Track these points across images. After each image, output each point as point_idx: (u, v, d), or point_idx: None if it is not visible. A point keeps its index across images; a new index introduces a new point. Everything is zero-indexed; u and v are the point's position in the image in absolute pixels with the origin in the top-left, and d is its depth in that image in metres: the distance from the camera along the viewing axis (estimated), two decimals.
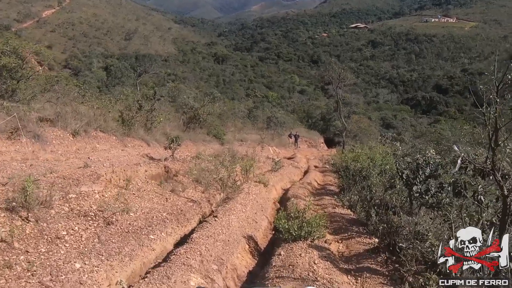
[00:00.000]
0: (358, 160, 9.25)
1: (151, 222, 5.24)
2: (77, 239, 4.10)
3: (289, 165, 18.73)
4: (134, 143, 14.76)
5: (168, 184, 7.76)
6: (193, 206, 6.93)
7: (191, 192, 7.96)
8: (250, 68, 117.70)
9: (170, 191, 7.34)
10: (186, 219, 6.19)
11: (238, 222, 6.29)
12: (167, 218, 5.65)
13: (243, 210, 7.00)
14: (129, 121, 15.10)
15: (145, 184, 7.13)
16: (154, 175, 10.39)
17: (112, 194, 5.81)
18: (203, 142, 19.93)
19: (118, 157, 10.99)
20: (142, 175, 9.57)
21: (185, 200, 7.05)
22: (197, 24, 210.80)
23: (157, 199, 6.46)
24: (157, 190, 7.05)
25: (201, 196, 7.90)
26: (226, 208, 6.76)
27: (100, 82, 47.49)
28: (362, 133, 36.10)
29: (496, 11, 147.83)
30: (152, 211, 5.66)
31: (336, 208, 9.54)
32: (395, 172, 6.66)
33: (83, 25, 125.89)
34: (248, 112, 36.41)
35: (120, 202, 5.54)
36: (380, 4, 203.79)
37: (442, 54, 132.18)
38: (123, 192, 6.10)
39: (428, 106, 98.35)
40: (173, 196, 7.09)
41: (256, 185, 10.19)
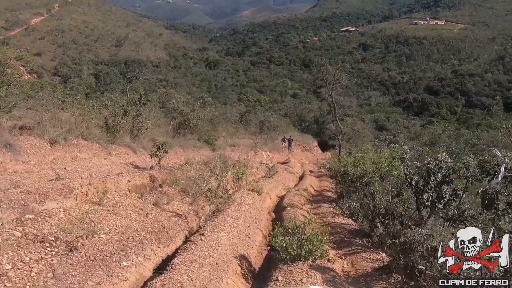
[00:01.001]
0: (359, 165, 8.58)
1: (126, 244, 4.46)
2: (25, 275, 3.31)
3: (284, 170, 18.01)
4: (119, 151, 13.93)
5: (150, 197, 6.98)
6: (178, 221, 6.15)
7: (177, 204, 7.18)
8: (242, 72, 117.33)
9: (152, 205, 6.55)
10: (170, 237, 5.42)
11: (228, 240, 5.54)
12: (146, 238, 4.87)
13: (234, 225, 6.24)
14: (114, 128, 14.27)
15: (123, 198, 6.35)
16: (138, 185, 9.58)
17: (81, 212, 5.02)
18: (194, 148, 19.15)
19: (99, 167, 10.17)
20: (124, 186, 8.76)
21: (169, 215, 6.27)
22: (188, 30, 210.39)
23: (136, 215, 5.67)
24: (137, 204, 6.26)
25: (188, 208, 7.13)
26: (215, 223, 6.00)
27: (89, 88, 46.44)
28: (356, 136, 35.59)
29: (484, 13, 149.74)
30: (128, 231, 4.89)
31: (336, 217, 8.83)
32: (402, 178, 5.98)
33: (73, 32, 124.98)
34: (241, 116, 35.70)
35: (90, 222, 4.75)
36: (370, 7, 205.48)
37: (432, 56, 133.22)
38: (96, 208, 5.31)
39: (420, 108, 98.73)
40: (156, 210, 6.31)
41: (249, 193, 9.44)
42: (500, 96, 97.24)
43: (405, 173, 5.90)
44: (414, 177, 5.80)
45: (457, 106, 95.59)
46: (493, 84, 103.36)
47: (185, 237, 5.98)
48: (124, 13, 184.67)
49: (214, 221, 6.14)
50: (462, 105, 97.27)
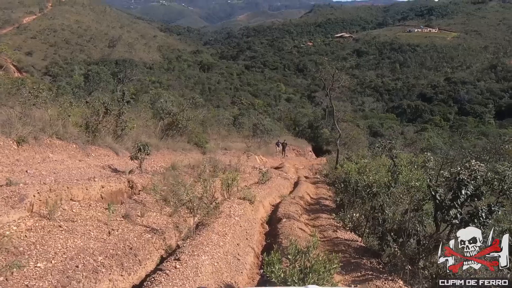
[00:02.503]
0: (365, 173, 7.55)
1: (72, 276, 3.33)
2: None
3: (278, 176, 16.93)
4: (99, 153, 12.73)
5: (122, 207, 5.85)
6: (152, 238, 5.02)
7: (154, 216, 6.05)
8: (236, 76, 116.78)
9: (122, 218, 5.41)
10: (138, 261, 4.30)
11: (212, 265, 4.44)
12: (103, 265, 3.75)
13: (220, 243, 5.14)
14: (95, 127, 13.10)
15: (84, 209, 5.20)
16: (114, 192, 8.43)
17: (20, 230, 3.88)
18: (183, 151, 17.99)
19: (71, 170, 9.00)
20: (96, 193, 7.60)
21: (141, 231, 5.15)
22: (183, 32, 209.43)
23: (96, 232, 4.54)
24: (102, 217, 5.12)
25: (168, 221, 6.00)
26: (197, 242, 4.90)
27: (78, 88, 44.96)
28: (352, 142, 34.77)
29: (476, 22, 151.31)
30: (80, 255, 3.76)
31: (337, 231, 7.77)
32: (424, 189, 4.96)
33: (65, 32, 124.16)
34: (234, 119, 34.62)
35: (28, 245, 3.62)
36: (364, 14, 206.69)
37: (425, 63, 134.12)
38: (43, 224, 4.17)
39: (413, 114, 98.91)
40: (125, 225, 5.17)
41: (240, 202, 8.35)
42: (492, 104, 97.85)
43: (429, 184, 4.89)
44: (439, 189, 4.78)
45: (450, 114, 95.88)
46: (485, 92, 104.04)
47: (159, 258, 4.86)
48: (118, 14, 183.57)
49: (196, 239, 5.03)
50: (455, 112, 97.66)
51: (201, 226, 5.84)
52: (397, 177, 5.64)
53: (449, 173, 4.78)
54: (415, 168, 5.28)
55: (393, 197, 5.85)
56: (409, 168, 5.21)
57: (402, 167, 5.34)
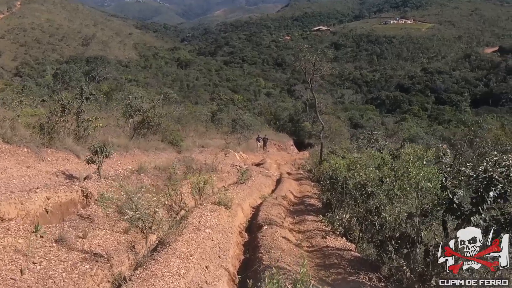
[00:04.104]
0: (356, 170, 6.52)
1: None
2: None
3: (259, 173, 15.85)
4: (56, 156, 11.30)
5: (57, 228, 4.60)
6: (91, 269, 3.83)
7: (103, 236, 4.83)
8: (215, 72, 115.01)
9: (54, 242, 4.18)
10: None
11: None
12: None
13: (181, 272, 3.98)
14: (51, 128, 11.64)
15: (3, 233, 3.94)
16: (63, 203, 7.12)
17: None
18: (155, 151, 16.64)
19: (11, 180, 7.64)
20: (39, 206, 6.29)
21: (78, 259, 3.94)
22: (159, 29, 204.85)
23: (7, 268, 3.33)
24: (23, 245, 3.88)
25: (120, 241, 4.80)
26: (148, 274, 3.72)
27: (48, 88, 42.54)
28: (334, 134, 34.11)
29: (450, 13, 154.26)
30: None
31: (327, 238, 6.74)
32: (436, 191, 3.96)
33: (36, 31, 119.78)
34: (212, 115, 33.29)
35: None
36: (341, 7, 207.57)
37: (402, 55, 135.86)
38: None
39: (392, 105, 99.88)
40: (55, 253, 3.95)
41: (214, 209, 7.20)
42: (467, 93, 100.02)
43: (444, 184, 3.90)
44: (458, 191, 3.79)
45: (427, 103, 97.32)
46: (460, 81, 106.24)
47: None
48: (92, 12, 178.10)
49: (148, 269, 3.87)
50: (432, 102, 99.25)
51: (161, 247, 4.67)
52: (402, 175, 4.63)
53: (472, 171, 3.79)
54: (424, 164, 4.31)
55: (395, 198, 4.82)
56: (418, 164, 4.21)
57: (409, 164, 4.34)
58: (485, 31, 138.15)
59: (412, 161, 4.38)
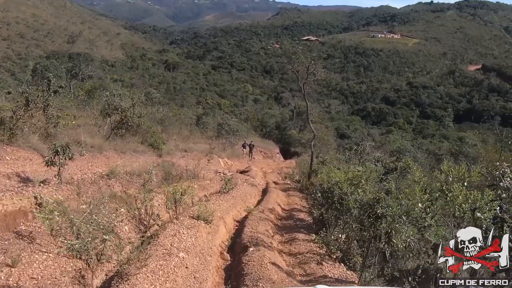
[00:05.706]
0: (359, 185, 5.57)
1: None
2: None
3: (244, 182, 14.81)
4: (17, 155, 10.02)
5: None
6: None
7: (42, 261, 3.71)
8: (203, 76, 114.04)
9: None
10: None
11: None
12: None
13: None
14: (13, 124, 10.33)
15: None
16: (10, 213, 5.96)
17: None
18: (133, 153, 15.35)
19: None
20: None
21: None
22: (148, 31, 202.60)
23: None
24: None
25: (64, 269, 3.68)
26: None
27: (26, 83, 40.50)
28: (321, 143, 33.40)
29: (436, 29, 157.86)
30: None
31: (323, 264, 5.76)
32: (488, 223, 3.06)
33: (20, 26, 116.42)
34: (197, 119, 32.13)
35: None
36: (330, 19, 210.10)
37: (388, 68, 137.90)
38: None
39: (378, 117, 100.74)
40: None
41: (192, 224, 6.14)
42: (451, 108, 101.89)
43: (501, 217, 2.99)
44: None
45: (412, 117, 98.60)
46: (445, 97, 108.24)
47: None
48: (80, 10, 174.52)
49: None
50: (417, 115, 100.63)
51: (117, 281, 3.58)
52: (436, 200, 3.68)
53: None
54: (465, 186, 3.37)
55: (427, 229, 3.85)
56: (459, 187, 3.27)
57: (451, 186, 3.38)
58: (469, 49, 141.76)
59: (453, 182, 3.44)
